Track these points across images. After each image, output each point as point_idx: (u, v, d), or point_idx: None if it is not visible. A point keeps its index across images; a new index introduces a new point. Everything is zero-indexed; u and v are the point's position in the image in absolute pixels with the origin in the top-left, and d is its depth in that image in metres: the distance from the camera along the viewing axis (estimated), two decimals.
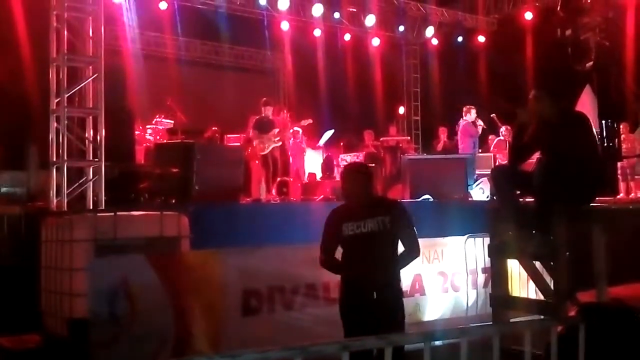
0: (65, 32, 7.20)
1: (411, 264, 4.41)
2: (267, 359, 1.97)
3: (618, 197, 11.46)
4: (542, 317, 4.86)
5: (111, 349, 4.79)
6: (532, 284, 5.61)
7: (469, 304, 6.88)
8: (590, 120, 5.42)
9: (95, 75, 7.28)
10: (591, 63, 10.96)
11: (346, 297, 4.16)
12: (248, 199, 9.18)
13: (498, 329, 2.29)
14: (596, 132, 6.88)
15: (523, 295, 5.96)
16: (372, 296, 4.01)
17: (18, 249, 6.42)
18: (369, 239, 4.07)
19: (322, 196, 10.14)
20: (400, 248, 4.23)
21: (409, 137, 15.13)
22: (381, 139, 13.45)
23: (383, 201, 4.55)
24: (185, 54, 15.51)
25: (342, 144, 13.45)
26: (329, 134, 13.10)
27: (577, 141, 4.99)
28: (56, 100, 7.16)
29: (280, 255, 5.71)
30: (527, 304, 5.46)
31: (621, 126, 12.19)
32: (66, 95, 7.12)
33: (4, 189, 8.24)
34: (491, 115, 12.66)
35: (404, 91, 16.59)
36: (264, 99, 11.16)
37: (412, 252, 4.25)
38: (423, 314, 6.67)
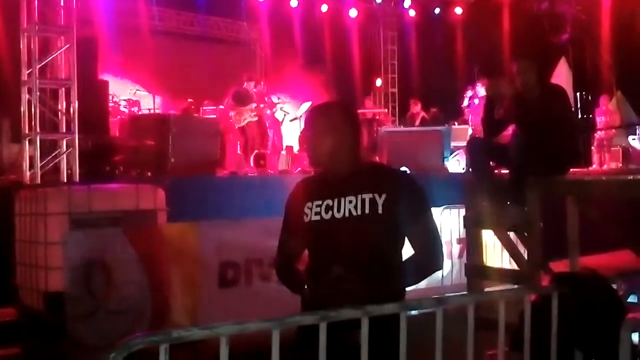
0: (36, 2, 7.03)
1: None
2: (245, 330, 1.97)
3: (591, 168, 11.63)
4: (516, 286, 4.95)
5: (87, 322, 4.78)
6: (506, 254, 5.70)
7: (444, 274, 6.97)
8: (567, 92, 5.48)
9: (67, 46, 7.14)
10: (567, 35, 11.03)
11: (305, 337, 2.21)
12: (225, 172, 9.14)
13: (473, 298, 2.33)
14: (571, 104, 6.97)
15: (497, 265, 6.06)
16: (355, 338, 2.12)
17: None
18: (346, 229, 2.40)
19: (299, 169, 10.12)
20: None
21: (386, 110, 15.14)
22: (358, 111, 13.42)
23: (376, 169, 2.63)
24: (160, 24, 15.22)
25: None
26: (306, 106, 13.05)
27: (553, 114, 5.04)
28: (27, 72, 7.02)
29: (257, 227, 5.71)
30: (501, 274, 5.55)
31: (602, 98, 12.34)
32: (38, 66, 6.98)
33: None
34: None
35: (382, 63, 16.54)
36: (247, 74, 11.09)
37: (428, 257, 2.50)
38: None
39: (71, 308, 4.78)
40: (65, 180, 6.87)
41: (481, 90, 12.02)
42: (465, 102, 12.53)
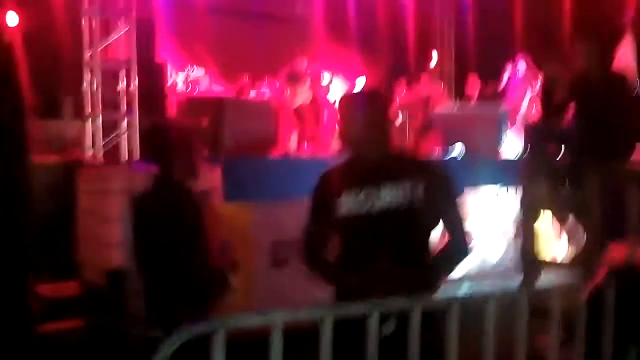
0: None
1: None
2: (297, 318, 2.02)
3: None
4: (570, 274, 4.87)
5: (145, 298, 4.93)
6: (561, 241, 5.59)
7: (497, 259, 6.90)
8: (629, 77, 5.31)
9: (127, 28, 7.30)
10: (631, 14, 10.60)
11: (340, 332, 2.06)
12: (279, 153, 9.19)
13: (526, 293, 2.31)
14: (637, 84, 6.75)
15: (552, 250, 5.95)
16: (391, 331, 2.25)
17: (55, 198, 6.57)
18: (387, 221, 2.37)
19: None
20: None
21: (441, 85, 14.86)
22: (413, 88, 13.25)
23: (407, 158, 2.62)
24: (213, 2, 15.30)
25: None
26: (360, 82, 12.94)
27: (614, 99, 4.90)
28: (89, 53, 7.22)
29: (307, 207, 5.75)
30: (556, 262, 5.46)
31: None
32: (99, 48, 7.18)
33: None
34: None
35: (437, 39, 16.23)
36: (300, 52, 11.09)
37: (458, 247, 2.49)
38: None
39: (131, 284, 4.94)
40: (126, 159, 7.07)
41: (521, 69, 11.72)
42: (504, 83, 12.20)
